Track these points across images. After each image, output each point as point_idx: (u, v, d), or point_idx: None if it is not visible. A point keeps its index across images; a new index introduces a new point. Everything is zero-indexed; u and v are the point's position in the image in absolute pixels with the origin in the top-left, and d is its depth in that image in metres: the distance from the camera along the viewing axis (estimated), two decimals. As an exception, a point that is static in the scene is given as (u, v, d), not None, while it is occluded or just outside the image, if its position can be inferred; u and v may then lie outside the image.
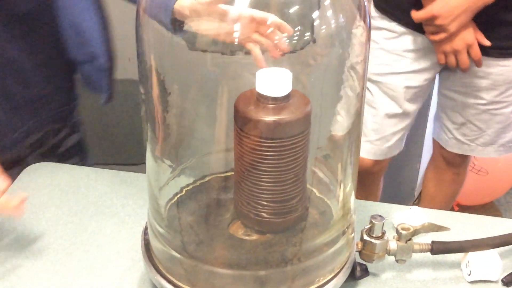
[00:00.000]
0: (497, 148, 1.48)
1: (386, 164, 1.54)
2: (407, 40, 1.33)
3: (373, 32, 1.36)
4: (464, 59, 1.28)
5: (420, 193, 2.06)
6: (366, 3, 0.69)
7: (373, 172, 1.52)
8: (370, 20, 0.70)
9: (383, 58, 1.36)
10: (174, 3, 0.75)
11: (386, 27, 1.34)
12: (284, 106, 0.67)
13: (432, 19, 1.23)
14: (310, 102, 0.69)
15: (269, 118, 0.66)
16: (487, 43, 1.27)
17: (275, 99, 0.67)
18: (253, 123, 0.67)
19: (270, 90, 0.66)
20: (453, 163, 1.62)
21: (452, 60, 1.29)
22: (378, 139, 1.43)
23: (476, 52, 1.27)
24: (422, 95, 1.42)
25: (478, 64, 1.30)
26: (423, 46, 1.32)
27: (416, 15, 1.26)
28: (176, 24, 0.75)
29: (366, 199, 1.03)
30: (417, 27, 1.30)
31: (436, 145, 1.60)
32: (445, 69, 1.39)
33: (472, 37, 1.26)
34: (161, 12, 0.79)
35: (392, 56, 1.35)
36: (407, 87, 1.37)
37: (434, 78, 1.42)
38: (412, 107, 1.41)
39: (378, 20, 1.36)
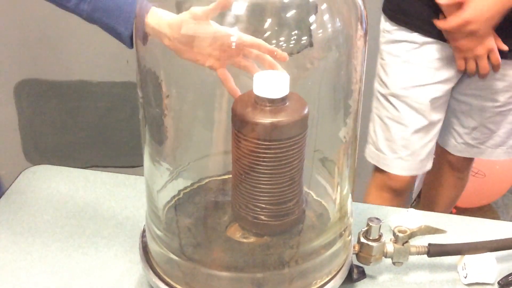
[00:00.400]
0: (507, 150, 1.49)
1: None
2: (430, 49, 1.32)
3: (392, 46, 1.36)
4: (485, 64, 1.28)
5: (418, 196, 2.06)
6: (362, 7, 0.69)
7: (410, 188, 1.52)
8: (367, 24, 0.70)
9: (407, 71, 1.36)
10: (134, 13, 0.73)
11: (406, 38, 1.34)
12: (281, 108, 0.67)
13: (464, 25, 1.22)
14: (307, 104, 0.69)
15: (267, 120, 0.67)
16: (505, 47, 1.26)
17: (272, 101, 0.67)
18: (250, 125, 0.67)
19: (267, 92, 0.66)
20: (458, 168, 1.63)
21: (472, 66, 1.28)
22: (409, 154, 1.42)
23: (496, 57, 1.27)
24: (445, 103, 1.42)
25: (497, 68, 1.30)
26: (446, 54, 1.32)
27: (446, 23, 1.24)
28: (144, 39, 0.74)
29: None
30: (440, 36, 1.29)
31: (440, 150, 1.59)
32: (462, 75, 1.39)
33: (493, 42, 1.26)
34: (116, 21, 0.76)
35: (415, 67, 1.35)
36: (433, 98, 1.37)
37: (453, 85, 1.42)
38: (437, 117, 1.41)
39: (395, 33, 1.35)
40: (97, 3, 0.79)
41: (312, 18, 0.68)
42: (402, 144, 1.41)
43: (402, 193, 1.51)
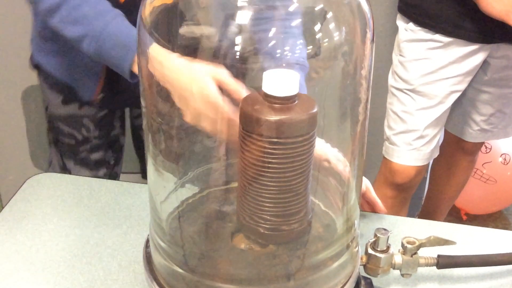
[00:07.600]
0: None
1: (424, 173, 1.57)
2: (454, 48, 1.37)
3: (415, 44, 1.41)
4: None
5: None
6: (369, 15, 0.68)
7: (415, 183, 1.54)
8: (373, 33, 0.69)
9: (429, 67, 1.40)
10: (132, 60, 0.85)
11: (431, 38, 1.38)
12: (290, 106, 0.66)
13: None
14: (316, 104, 0.67)
15: (275, 117, 0.65)
16: None
17: (281, 99, 0.65)
18: (259, 122, 0.65)
19: (277, 89, 0.65)
20: (471, 152, 1.68)
21: None
22: (423, 145, 1.46)
23: None
24: (461, 93, 1.47)
25: None
26: (469, 49, 1.36)
27: None
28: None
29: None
30: (463, 35, 1.34)
31: (453, 139, 1.64)
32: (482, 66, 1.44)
33: None
34: (116, 62, 0.90)
35: (438, 63, 1.39)
36: (454, 91, 1.42)
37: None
38: (450, 106, 1.45)
39: (419, 32, 1.39)
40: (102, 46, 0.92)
41: (318, 27, 0.67)
42: (418, 136, 1.45)
43: (407, 189, 1.54)
